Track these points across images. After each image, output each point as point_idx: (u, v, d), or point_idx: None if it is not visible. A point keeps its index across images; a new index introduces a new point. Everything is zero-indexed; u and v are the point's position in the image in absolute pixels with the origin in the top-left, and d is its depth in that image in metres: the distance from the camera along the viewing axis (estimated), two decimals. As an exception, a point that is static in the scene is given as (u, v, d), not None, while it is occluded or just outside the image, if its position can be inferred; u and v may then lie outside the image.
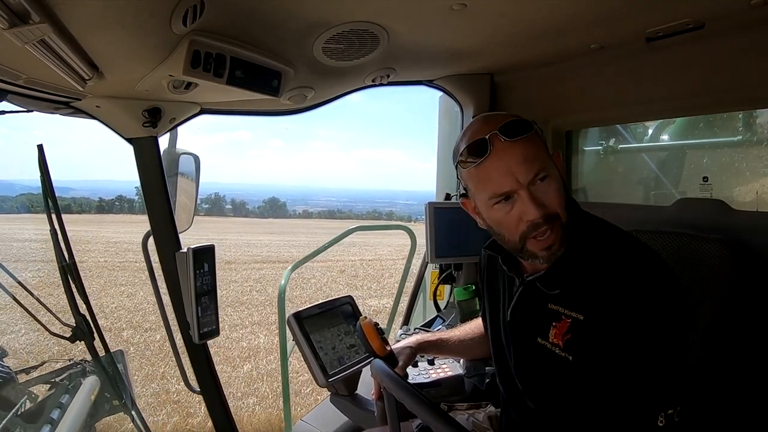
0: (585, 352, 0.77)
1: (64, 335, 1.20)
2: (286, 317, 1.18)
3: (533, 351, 0.85)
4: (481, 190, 0.81)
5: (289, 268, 2.25)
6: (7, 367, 1.23)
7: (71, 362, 1.34)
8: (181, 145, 1.23)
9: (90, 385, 1.30)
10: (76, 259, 1.13)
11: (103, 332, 1.18)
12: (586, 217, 0.87)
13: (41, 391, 1.28)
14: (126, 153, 1.11)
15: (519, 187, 0.77)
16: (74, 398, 1.22)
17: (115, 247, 13.04)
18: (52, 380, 1.29)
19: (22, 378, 1.29)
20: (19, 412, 1.10)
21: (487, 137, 0.77)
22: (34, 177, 1.07)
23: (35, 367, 1.30)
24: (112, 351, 1.28)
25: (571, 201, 0.89)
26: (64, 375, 1.30)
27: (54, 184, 1.08)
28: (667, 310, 0.73)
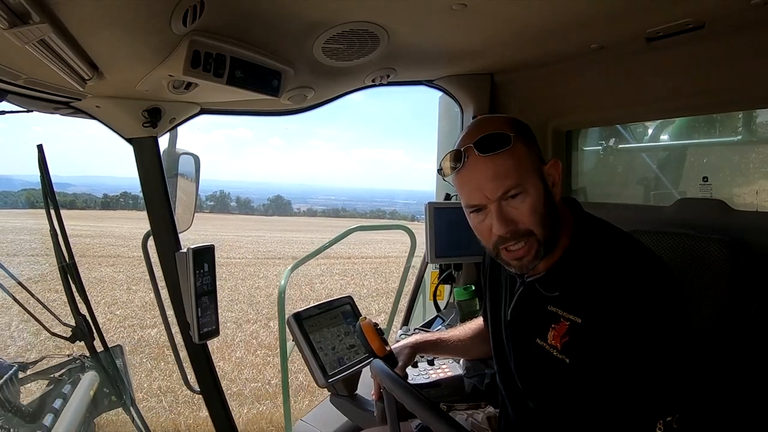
0: (581, 355, 0.77)
1: (64, 335, 1.20)
2: (286, 317, 1.18)
3: (532, 351, 0.86)
4: (460, 196, 0.85)
5: (289, 268, 2.25)
6: (6, 362, 1.22)
7: (70, 357, 1.34)
8: (180, 143, 1.23)
9: (89, 380, 1.30)
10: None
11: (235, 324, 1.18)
12: (587, 220, 0.87)
13: (40, 386, 1.28)
14: (124, 150, 1.11)
15: (488, 202, 0.79)
16: (73, 394, 1.22)
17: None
18: (51, 376, 1.28)
19: (21, 373, 1.29)
20: (18, 408, 1.10)
21: (462, 149, 0.79)
22: (32, 172, 1.07)
23: (34, 363, 1.30)
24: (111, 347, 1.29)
25: (573, 203, 0.89)
26: (63, 370, 1.30)
27: (53, 181, 1.08)
28: (667, 317, 0.73)
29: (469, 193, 0.81)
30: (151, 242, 1.16)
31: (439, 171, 0.85)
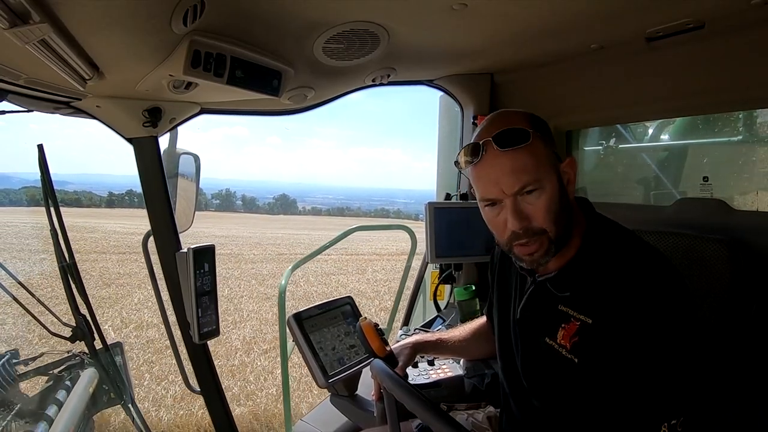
0: (591, 355, 0.77)
1: (64, 335, 1.20)
2: (286, 317, 1.18)
3: (540, 350, 0.85)
4: (476, 190, 0.84)
5: (289, 268, 2.25)
6: (6, 359, 1.22)
7: (69, 354, 1.34)
8: (179, 142, 1.23)
9: (88, 377, 1.30)
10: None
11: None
12: (599, 220, 0.86)
13: (40, 383, 1.28)
14: (122, 148, 1.11)
15: (504, 197, 0.78)
16: (72, 391, 1.22)
17: (232, 240, 13.96)
18: (51, 372, 1.28)
19: (23, 367, 1.28)
20: (17, 405, 1.10)
21: (481, 143, 0.79)
22: (30, 170, 1.07)
23: (33, 359, 1.30)
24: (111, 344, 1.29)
25: (585, 203, 0.89)
26: (62, 367, 1.30)
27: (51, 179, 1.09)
28: (677, 320, 0.72)
29: (486, 186, 0.80)
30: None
31: (456, 163, 0.85)
